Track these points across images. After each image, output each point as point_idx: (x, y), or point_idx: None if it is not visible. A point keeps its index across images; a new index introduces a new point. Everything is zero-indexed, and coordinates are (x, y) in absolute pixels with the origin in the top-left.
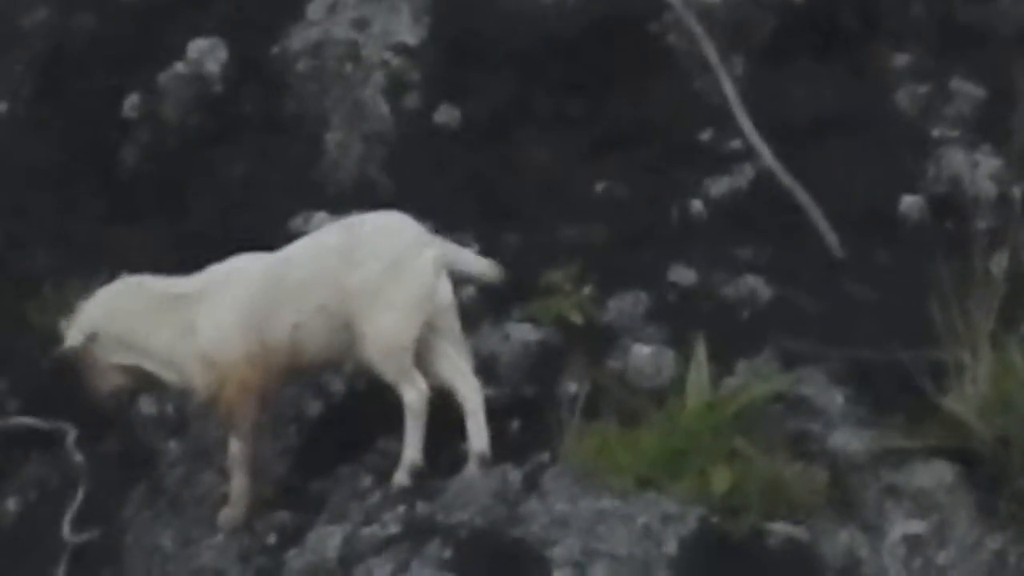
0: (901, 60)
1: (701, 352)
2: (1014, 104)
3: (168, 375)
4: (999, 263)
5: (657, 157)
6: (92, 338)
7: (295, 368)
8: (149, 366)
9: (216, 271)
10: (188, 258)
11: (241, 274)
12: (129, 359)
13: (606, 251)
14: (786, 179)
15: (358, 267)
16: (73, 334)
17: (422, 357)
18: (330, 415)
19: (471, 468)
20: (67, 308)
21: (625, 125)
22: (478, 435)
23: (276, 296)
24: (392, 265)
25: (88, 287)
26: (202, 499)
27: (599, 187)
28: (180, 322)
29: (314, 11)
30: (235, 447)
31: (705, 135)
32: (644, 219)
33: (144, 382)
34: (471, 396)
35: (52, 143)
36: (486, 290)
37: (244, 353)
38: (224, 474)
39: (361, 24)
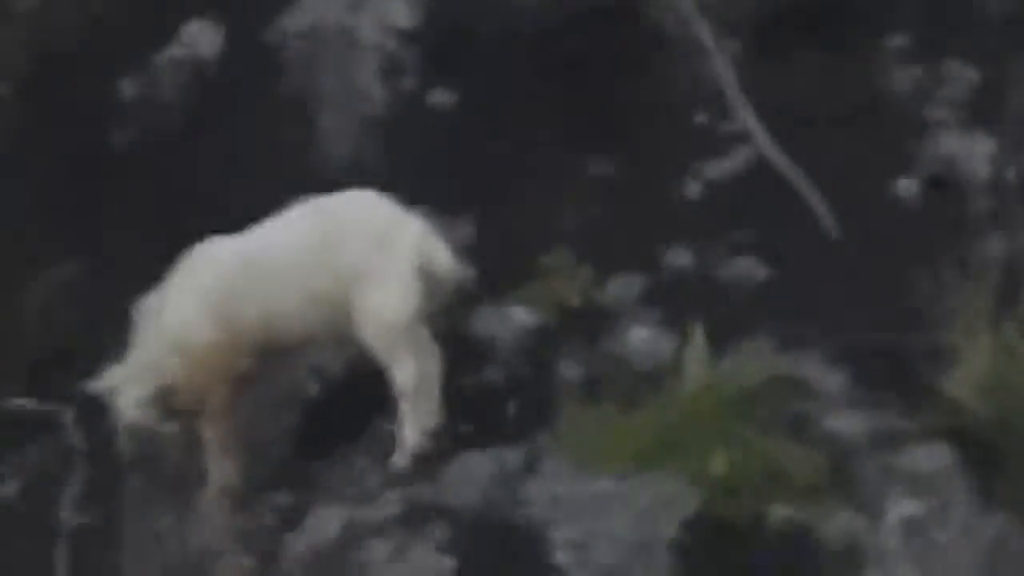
0: (895, 42)
1: (698, 334)
2: (1007, 86)
3: None
4: (995, 245)
5: (654, 140)
6: None
7: (267, 349)
8: None
9: (184, 262)
10: (181, 239)
11: (205, 261)
12: None
13: (603, 234)
14: (782, 162)
15: (343, 247)
16: None
17: None
18: (330, 397)
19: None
20: (62, 290)
21: (621, 107)
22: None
23: (246, 280)
24: (378, 242)
25: (81, 269)
26: (201, 481)
27: (595, 170)
28: None
29: None
30: (208, 432)
31: (701, 118)
32: (641, 202)
33: None
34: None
35: (46, 125)
36: (483, 272)
37: (212, 339)
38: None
39: (356, 7)
